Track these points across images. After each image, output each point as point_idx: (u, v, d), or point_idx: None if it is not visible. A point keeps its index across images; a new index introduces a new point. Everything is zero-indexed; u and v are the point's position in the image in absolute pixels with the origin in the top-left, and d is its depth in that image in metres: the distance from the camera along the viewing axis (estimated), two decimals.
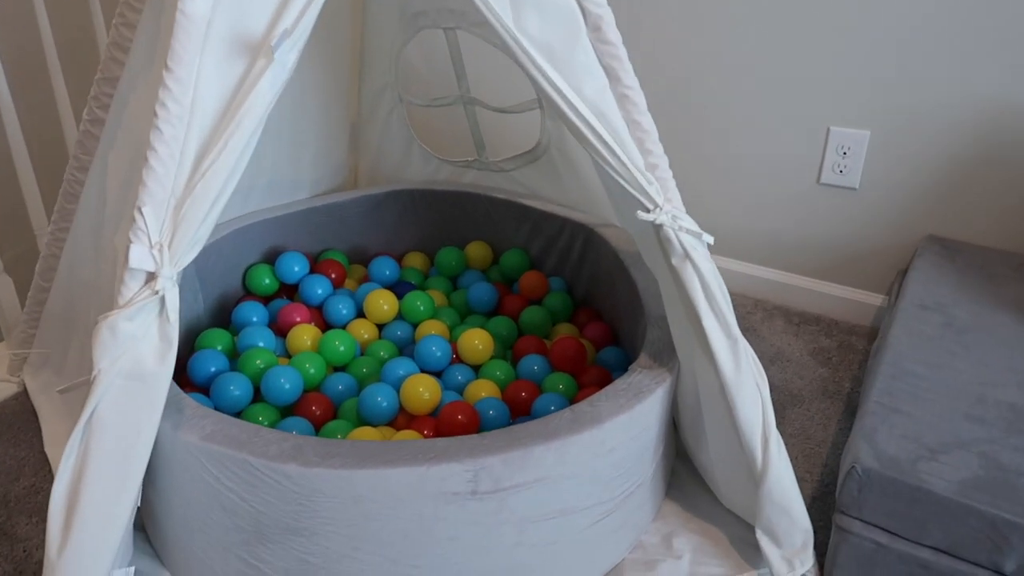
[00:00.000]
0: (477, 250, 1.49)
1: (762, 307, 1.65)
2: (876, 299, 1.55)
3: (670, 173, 0.88)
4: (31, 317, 1.31)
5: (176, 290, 0.77)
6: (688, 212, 0.88)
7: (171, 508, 0.93)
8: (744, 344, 0.90)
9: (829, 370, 1.44)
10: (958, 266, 1.36)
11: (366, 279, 1.45)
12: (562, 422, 0.88)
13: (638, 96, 0.85)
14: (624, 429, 0.92)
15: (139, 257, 0.74)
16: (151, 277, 0.75)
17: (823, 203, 1.54)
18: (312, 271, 1.39)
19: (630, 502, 1.00)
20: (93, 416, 0.75)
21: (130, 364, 0.75)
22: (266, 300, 1.37)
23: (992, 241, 1.42)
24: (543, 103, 1.32)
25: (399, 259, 1.52)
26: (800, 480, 1.16)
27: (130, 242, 0.74)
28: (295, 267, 1.36)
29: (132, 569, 0.83)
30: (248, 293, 1.38)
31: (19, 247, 1.45)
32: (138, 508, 1.01)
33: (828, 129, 1.48)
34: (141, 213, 0.74)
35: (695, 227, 0.86)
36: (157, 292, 0.75)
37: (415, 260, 1.51)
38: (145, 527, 1.03)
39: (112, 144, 1.07)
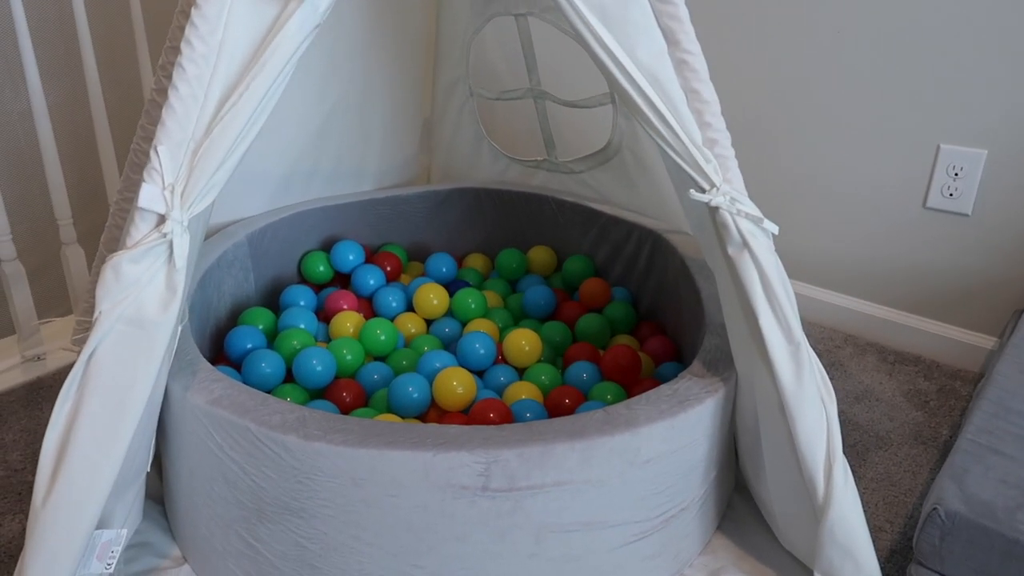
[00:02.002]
0: (540, 255, 1.42)
1: (853, 342, 1.49)
2: (987, 342, 1.37)
3: (732, 151, 0.78)
4: (95, 287, 1.33)
5: (186, 237, 0.73)
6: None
7: (180, 478, 0.89)
8: (808, 351, 0.79)
9: (926, 415, 1.27)
10: None
11: (422, 275, 1.40)
12: (591, 421, 0.79)
13: (699, 62, 0.76)
14: (663, 439, 0.81)
15: (150, 197, 0.71)
16: (161, 220, 0.72)
17: (929, 230, 1.39)
18: (368, 262, 1.36)
19: (671, 527, 0.89)
20: (90, 361, 0.72)
21: (132, 309, 0.72)
22: (319, 287, 1.34)
23: None
24: (615, 97, 1.24)
25: (460, 260, 1.47)
26: (878, 530, 1.02)
27: (143, 181, 0.71)
28: (350, 255, 1.33)
29: (124, 532, 0.79)
30: (302, 279, 1.35)
31: (93, 219, 1.49)
32: (160, 479, 1.00)
33: (938, 147, 1.33)
34: (156, 152, 0.71)
35: (756, 212, 0.76)
36: (165, 235, 0.72)
37: (476, 261, 1.46)
38: (164, 500, 1.00)
39: None
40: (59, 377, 1.33)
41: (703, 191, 0.77)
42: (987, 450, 0.84)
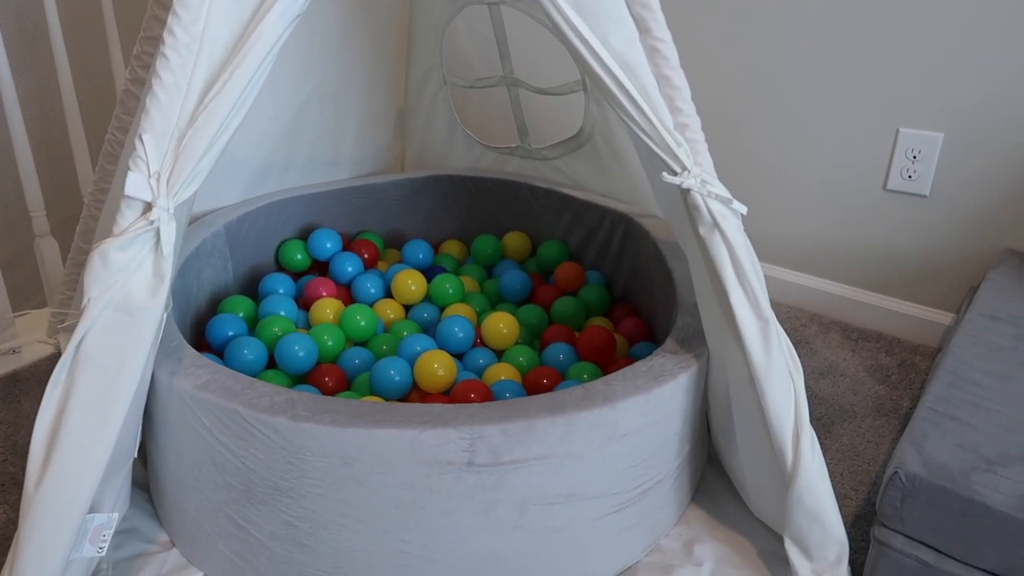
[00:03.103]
0: (515, 240, 1.44)
1: (818, 321, 1.54)
2: (945, 318, 1.43)
3: (702, 135, 0.81)
4: (70, 279, 1.33)
5: (172, 224, 0.75)
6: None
7: (167, 463, 0.90)
8: (777, 327, 0.82)
9: (887, 388, 1.32)
10: None
11: (399, 262, 1.42)
12: (571, 397, 0.82)
13: (670, 50, 0.79)
14: (639, 413, 0.85)
15: (136, 186, 0.72)
16: (147, 208, 0.73)
17: (889, 211, 1.44)
18: (345, 250, 1.37)
19: (648, 499, 0.92)
20: (79, 348, 0.73)
21: (120, 296, 0.73)
22: (297, 275, 1.35)
23: None
24: (587, 84, 1.27)
25: (436, 246, 1.49)
26: (844, 497, 1.07)
27: (128, 169, 0.72)
28: (327, 244, 1.34)
29: (116, 515, 0.80)
30: (280, 268, 1.36)
31: (67, 211, 1.48)
32: (144, 466, 1.01)
33: (897, 130, 1.38)
34: (142, 141, 0.72)
35: (726, 193, 0.79)
36: (152, 223, 0.73)
37: (452, 248, 1.48)
38: (149, 487, 1.01)
39: None
40: (35, 370, 1.32)
41: (675, 174, 0.80)
42: (944, 417, 0.88)
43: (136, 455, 0.86)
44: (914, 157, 1.37)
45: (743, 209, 0.81)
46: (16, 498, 1.04)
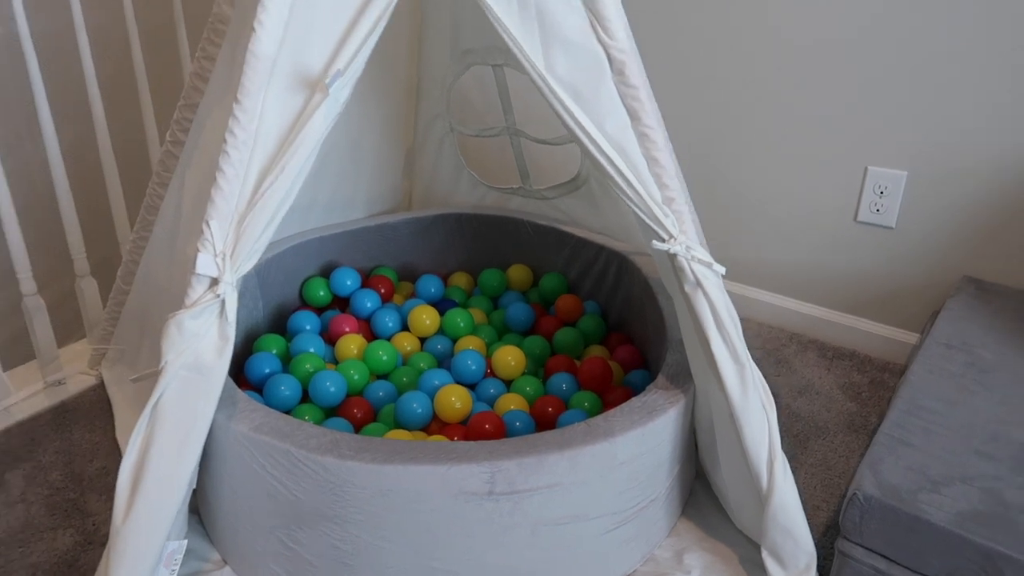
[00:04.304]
0: (518, 272, 1.57)
1: (797, 340, 1.68)
2: (911, 338, 1.57)
3: (687, 207, 0.94)
4: (111, 316, 1.45)
5: (235, 294, 0.87)
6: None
7: (222, 492, 1.03)
8: (753, 370, 0.96)
9: (858, 405, 1.46)
10: (992, 308, 1.37)
11: (413, 295, 1.54)
12: (576, 433, 0.95)
13: (657, 135, 0.92)
14: (636, 444, 0.98)
15: (205, 264, 0.84)
16: (214, 282, 0.86)
17: (860, 241, 1.57)
18: (363, 286, 1.50)
19: (644, 516, 1.05)
20: (158, 402, 0.85)
21: (192, 357, 0.85)
22: (320, 310, 1.48)
23: None
24: None
25: (445, 278, 1.62)
26: (815, 508, 1.20)
27: (198, 251, 0.84)
28: (347, 281, 1.46)
29: (185, 542, 0.93)
30: (304, 303, 1.49)
31: (104, 252, 1.60)
32: (193, 492, 1.13)
33: (866, 168, 1.52)
34: (208, 226, 0.85)
35: (707, 257, 0.92)
36: (219, 295, 0.85)
37: (460, 280, 1.60)
38: (199, 510, 1.14)
39: (189, 163, 1.20)
40: (81, 400, 1.44)
41: (663, 240, 0.93)
42: (898, 442, 1.02)
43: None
44: (881, 193, 1.51)
45: (722, 270, 0.94)
46: (78, 522, 1.17)
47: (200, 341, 0.86)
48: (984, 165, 1.40)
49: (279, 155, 0.86)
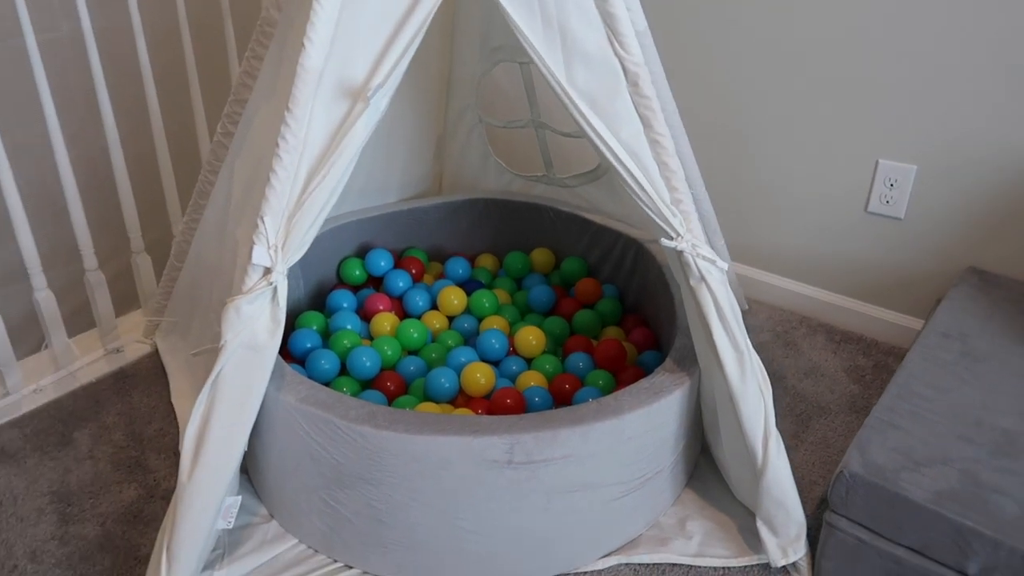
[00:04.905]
0: (541, 256, 1.67)
1: (807, 323, 1.75)
2: (916, 323, 1.64)
3: (693, 208, 1.03)
4: (164, 291, 1.58)
5: (286, 282, 0.98)
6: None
7: (270, 455, 1.15)
8: (751, 356, 1.05)
9: (861, 387, 1.54)
10: (992, 298, 1.43)
11: (442, 276, 1.65)
12: (588, 410, 1.05)
13: (668, 142, 1.00)
14: (642, 422, 1.08)
15: (260, 255, 0.95)
16: (267, 271, 0.97)
17: (870, 230, 1.64)
18: (396, 266, 1.60)
19: (649, 486, 1.16)
20: (219, 376, 0.97)
21: (248, 337, 0.97)
22: (355, 289, 1.59)
23: None
24: None
25: (472, 259, 1.72)
26: (812, 483, 1.30)
27: (253, 243, 0.95)
28: (381, 262, 1.57)
29: (240, 498, 1.06)
30: (341, 282, 1.60)
31: (157, 232, 1.72)
32: (244, 454, 1.26)
33: (877, 162, 1.58)
34: (263, 221, 0.95)
35: (711, 254, 1.01)
36: (271, 283, 0.96)
37: (486, 261, 1.70)
38: (248, 471, 1.26)
39: (239, 153, 1.30)
40: (138, 367, 1.57)
41: (671, 238, 1.02)
42: (887, 424, 1.10)
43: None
44: (891, 185, 1.57)
45: (725, 266, 1.02)
46: (140, 477, 1.30)
47: (255, 323, 0.97)
48: (990, 161, 1.45)
49: (324, 158, 0.96)
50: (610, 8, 0.96)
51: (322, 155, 0.97)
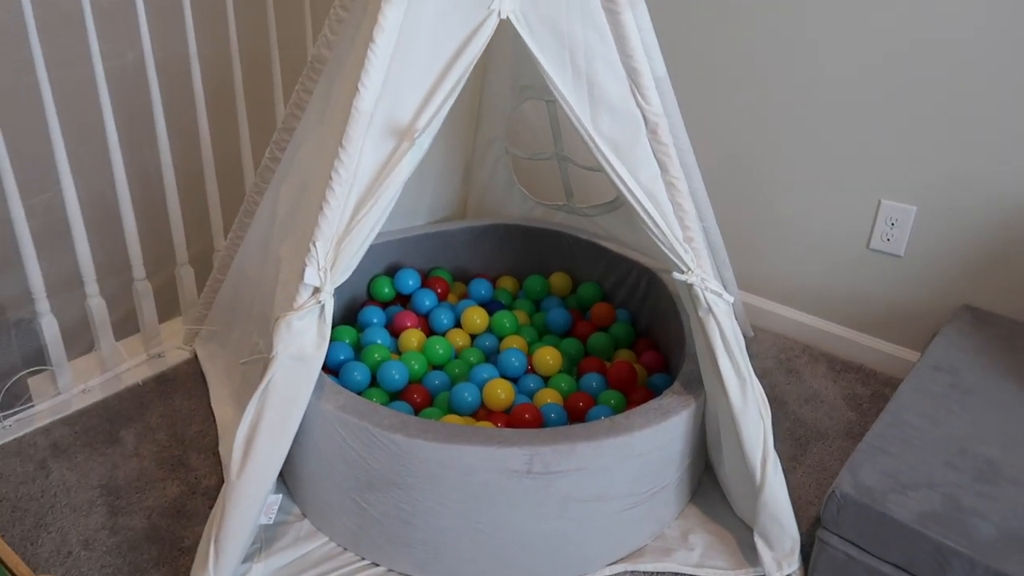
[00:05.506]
0: (559, 280, 1.77)
1: (809, 352, 1.84)
2: (912, 355, 1.73)
3: (704, 245, 1.12)
4: (206, 301, 1.68)
5: (332, 300, 1.08)
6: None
7: (307, 458, 1.24)
8: (753, 383, 1.14)
9: (858, 415, 1.63)
10: (984, 335, 1.52)
11: (465, 295, 1.75)
12: (601, 428, 1.14)
13: (682, 184, 1.10)
14: (651, 439, 1.17)
15: (311, 276, 1.05)
16: (316, 290, 1.07)
17: (871, 266, 1.73)
18: (423, 285, 1.70)
19: (656, 499, 1.25)
20: (269, 384, 1.07)
21: (296, 349, 1.07)
22: (384, 305, 1.69)
23: None
24: None
25: (494, 281, 1.82)
26: (808, 504, 1.38)
27: (305, 265, 1.05)
28: (409, 281, 1.67)
29: (280, 496, 1.15)
30: (371, 298, 1.70)
31: (200, 246, 1.83)
32: None
33: (879, 202, 1.67)
34: (315, 246, 1.06)
35: (719, 288, 1.11)
36: (320, 301, 1.06)
37: (507, 283, 1.80)
38: (283, 472, 1.35)
39: (284, 178, 1.41)
40: (178, 371, 1.68)
41: (682, 272, 1.11)
42: (877, 450, 1.19)
43: None
44: (892, 224, 1.67)
45: (731, 299, 1.12)
46: (183, 475, 1.40)
47: (303, 337, 1.07)
48: (986, 204, 1.54)
49: (371, 191, 1.07)
50: (634, 64, 1.07)
51: (369, 188, 1.07)
